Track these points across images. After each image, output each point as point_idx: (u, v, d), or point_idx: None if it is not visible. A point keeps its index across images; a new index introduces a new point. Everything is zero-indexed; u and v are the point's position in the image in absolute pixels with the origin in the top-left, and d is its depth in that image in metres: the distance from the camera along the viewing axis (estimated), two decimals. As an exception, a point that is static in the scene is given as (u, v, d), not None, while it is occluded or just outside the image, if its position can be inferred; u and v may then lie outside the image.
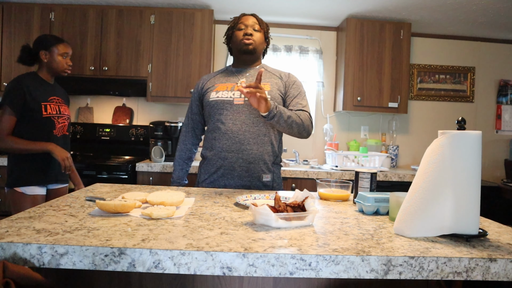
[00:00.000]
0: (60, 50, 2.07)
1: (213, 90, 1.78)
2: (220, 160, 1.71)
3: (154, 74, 3.20)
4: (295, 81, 1.82)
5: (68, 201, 1.24)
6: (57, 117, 2.08)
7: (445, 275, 0.82)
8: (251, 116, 1.70)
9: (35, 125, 2.00)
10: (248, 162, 1.70)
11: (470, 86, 3.74)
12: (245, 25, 1.79)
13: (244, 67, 1.84)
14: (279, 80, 1.80)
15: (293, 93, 1.78)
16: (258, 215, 1.02)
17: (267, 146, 1.73)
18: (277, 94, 1.75)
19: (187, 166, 1.91)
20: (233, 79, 1.80)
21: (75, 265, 0.79)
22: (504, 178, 3.64)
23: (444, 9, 3.07)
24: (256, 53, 1.80)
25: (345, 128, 3.69)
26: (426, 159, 1.00)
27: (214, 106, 1.74)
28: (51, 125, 2.05)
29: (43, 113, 2.01)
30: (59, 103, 2.12)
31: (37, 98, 2.00)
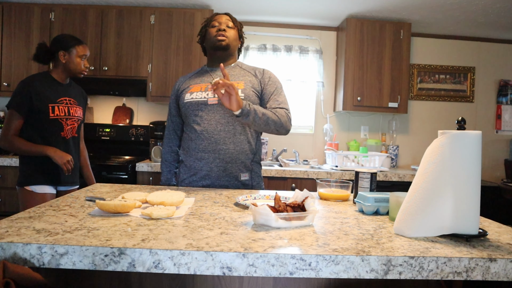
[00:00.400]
0: (80, 52, 2.06)
1: (187, 91, 1.77)
2: (197, 161, 1.70)
3: (154, 74, 3.20)
4: (270, 77, 1.79)
5: (68, 201, 1.24)
6: (65, 119, 2.06)
7: (445, 275, 0.82)
8: (226, 116, 1.69)
9: (42, 127, 2.00)
10: (225, 162, 1.69)
11: (470, 86, 3.74)
12: (218, 22, 1.78)
13: (218, 66, 1.80)
14: (253, 77, 1.77)
15: (269, 90, 1.75)
16: (258, 215, 1.02)
17: (244, 145, 1.71)
18: (251, 92, 1.72)
19: (174, 167, 1.89)
20: (207, 79, 1.78)
21: (75, 265, 0.79)
22: (504, 178, 3.64)
23: (444, 9, 3.07)
24: (229, 49, 1.78)
25: (345, 128, 3.69)
26: (426, 159, 1.00)
27: (189, 107, 1.74)
28: (59, 127, 2.03)
29: (50, 114, 2.00)
30: (69, 105, 2.09)
31: (45, 99, 1.99)
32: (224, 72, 1.54)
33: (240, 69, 1.81)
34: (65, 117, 2.05)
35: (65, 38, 2.07)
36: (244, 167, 1.73)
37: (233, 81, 1.71)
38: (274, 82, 1.79)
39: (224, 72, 1.54)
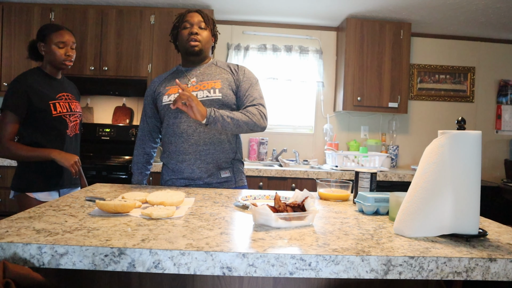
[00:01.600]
0: (55, 39, 1.84)
1: (165, 93, 1.75)
2: (178, 163, 1.70)
3: (154, 74, 3.20)
4: (244, 73, 1.77)
5: (68, 201, 1.24)
6: (68, 115, 1.90)
7: (445, 275, 0.82)
8: None
9: (45, 127, 1.83)
10: (206, 162, 1.68)
11: (470, 86, 3.74)
12: (190, 23, 1.73)
13: (194, 66, 1.79)
14: (230, 75, 1.75)
15: (244, 87, 1.74)
16: (258, 215, 1.02)
17: (224, 145, 1.71)
18: (229, 91, 1.70)
19: (146, 169, 1.88)
20: (184, 80, 1.76)
21: (75, 265, 0.79)
22: (504, 178, 3.64)
23: (444, 9, 3.07)
24: (203, 53, 1.76)
25: (345, 128, 3.69)
26: (425, 159, 1.00)
27: (167, 109, 1.72)
28: (63, 125, 1.88)
29: (53, 112, 1.83)
30: (69, 100, 1.94)
31: (44, 96, 1.82)
32: (181, 86, 1.54)
33: (215, 67, 1.79)
34: (68, 113, 1.90)
35: (42, 28, 1.90)
36: (224, 166, 1.73)
37: (209, 80, 1.72)
38: (249, 78, 1.76)
39: (181, 86, 1.54)
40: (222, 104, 1.68)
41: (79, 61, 3.16)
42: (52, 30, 1.87)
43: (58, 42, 1.85)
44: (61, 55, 1.86)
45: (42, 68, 1.91)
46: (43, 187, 1.85)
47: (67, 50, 1.87)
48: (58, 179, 1.89)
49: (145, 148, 1.88)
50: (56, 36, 1.85)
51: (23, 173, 1.86)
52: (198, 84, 1.73)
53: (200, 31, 1.72)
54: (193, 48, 1.71)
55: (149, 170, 1.91)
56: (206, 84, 1.71)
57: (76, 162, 1.82)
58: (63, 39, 1.86)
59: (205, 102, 1.67)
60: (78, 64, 3.16)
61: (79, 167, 1.85)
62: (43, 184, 1.85)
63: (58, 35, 1.85)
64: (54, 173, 1.86)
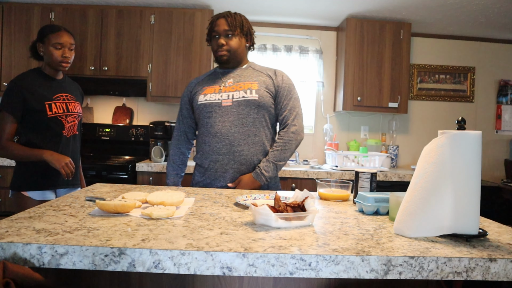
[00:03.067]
0: (52, 40, 1.84)
1: (201, 93, 1.78)
2: (212, 163, 1.72)
3: (154, 74, 3.20)
4: (283, 79, 1.78)
5: (68, 201, 1.24)
6: (65, 116, 1.90)
7: (445, 275, 0.82)
8: (240, 117, 1.70)
9: (41, 127, 1.85)
10: (239, 163, 1.69)
11: (470, 86, 3.74)
12: (217, 33, 1.75)
13: (230, 68, 1.82)
14: (267, 78, 1.77)
15: (283, 94, 1.76)
16: (258, 215, 1.02)
17: (258, 146, 1.72)
18: (265, 92, 1.73)
19: (181, 171, 1.90)
20: (220, 81, 1.79)
21: (75, 265, 0.79)
22: (504, 178, 3.64)
23: (444, 9, 3.07)
24: (234, 59, 1.77)
25: (345, 128, 3.69)
26: (424, 159, 1.00)
27: (202, 109, 1.75)
28: (59, 126, 1.89)
29: (48, 113, 1.84)
30: (67, 101, 1.94)
31: (40, 97, 1.83)
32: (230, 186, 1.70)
33: (252, 70, 1.81)
34: (64, 114, 1.90)
35: (41, 28, 1.90)
36: None
37: (246, 81, 1.75)
38: (287, 84, 1.78)
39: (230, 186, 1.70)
40: (258, 105, 1.70)
41: (79, 61, 3.15)
42: (51, 31, 1.87)
43: (55, 44, 1.85)
44: (58, 57, 1.86)
45: (41, 68, 1.92)
46: (38, 186, 1.86)
47: (64, 51, 1.87)
48: (54, 179, 1.89)
49: (181, 148, 1.90)
50: (54, 37, 1.85)
51: (20, 172, 1.88)
52: (234, 84, 1.75)
53: (227, 40, 1.74)
54: (222, 58, 1.76)
55: (184, 171, 1.92)
56: (242, 85, 1.74)
57: (67, 164, 1.81)
58: (61, 41, 1.86)
59: (241, 103, 1.70)
60: (78, 64, 3.15)
61: (72, 168, 1.84)
62: (38, 183, 1.86)
63: (56, 36, 1.85)
64: (50, 172, 1.87)
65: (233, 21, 1.75)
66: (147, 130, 3.37)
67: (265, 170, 1.67)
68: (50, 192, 1.91)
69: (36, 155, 1.80)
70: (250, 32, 1.82)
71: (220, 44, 1.73)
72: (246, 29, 1.79)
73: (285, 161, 1.73)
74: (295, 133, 1.74)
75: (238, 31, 1.75)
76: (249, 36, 1.81)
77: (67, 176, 1.82)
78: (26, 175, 1.86)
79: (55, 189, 1.92)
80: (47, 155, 1.80)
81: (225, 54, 1.74)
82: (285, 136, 1.73)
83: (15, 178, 1.89)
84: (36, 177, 1.86)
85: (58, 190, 1.94)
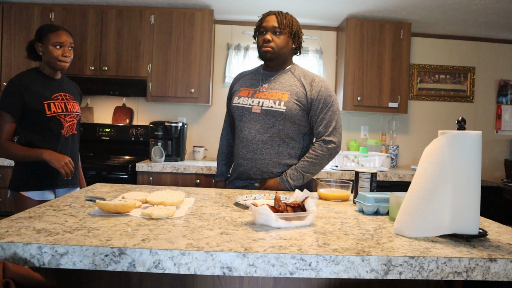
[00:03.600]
0: (52, 40, 1.83)
1: (237, 94, 1.80)
2: (238, 166, 1.77)
3: (154, 74, 3.20)
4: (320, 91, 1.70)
5: (68, 201, 1.24)
6: (63, 115, 1.89)
7: (445, 275, 0.82)
8: (265, 126, 1.69)
9: (40, 126, 1.84)
10: (261, 171, 1.72)
11: (470, 86, 3.74)
12: (265, 28, 1.71)
13: (271, 71, 1.79)
14: (301, 88, 1.71)
15: (317, 106, 1.70)
16: (258, 215, 1.02)
17: (283, 157, 1.71)
18: (294, 105, 1.68)
19: (229, 160, 1.94)
20: (257, 83, 1.78)
21: (75, 265, 0.79)
22: (504, 178, 3.64)
23: (444, 9, 3.06)
24: (277, 58, 1.73)
25: (345, 128, 3.69)
26: (425, 159, 1.00)
27: (235, 111, 1.78)
28: (58, 125, 1.87)
29: (47, 112, 1.83)
30: (66, 100, 1.92)
31: (39, 96, 1.82)
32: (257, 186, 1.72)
33: (291, 75, 1.76)
34: (63, 113, 1.89)
35: (40, 28, 1.88)
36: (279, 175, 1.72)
37: (279, 90, 1.72)
38: (324, 96, 1.70)
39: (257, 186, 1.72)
40: (284, 118, 1.67)
41: (79, 61, 3.15)
42: (50, 30, 1.86)
43: (55, 43, 1.84)
44: (57, 56, 1.85)
45: (40, 68, 1.91)
46: (37, 186, 1.85)
47: (64, 50, 1.86)
48: (53, 179, 1.88)
49: (228, 139, 1.95)
50: (54, 37, 1.84)
51: (18, 172, 1.86)
52: (267, 91, 1.73)
53: (273, 37, 1.70)
54: (265, 54, 1.71)
55: (232, 160, 1.92)
56: (274, 93, 1.71)
57: (67, 163, 1.80)
58: (60, 40, 1.85)
59: (269, 112, 1.68)
60: (78, 64, 3.15)
61: (72, 168, 1.83)
62: (37, 183, 1.85)
63: (55, 35, 1.84)
64: (49, 172, 1.86)
65: (283, 19, 1.71)
66: (147, 130, 3.37)
67: (291, 178, 1.68)
68: (49, 192, 1.90)
69: (36, 155, 1.79)
70: (298, 34, 1.78)
71: (266, 40, 1.69)
72: (295, 30, 1.75)
73: (314, 174, 1.71)
74: (331, 150, 1.69)
75: (287, 30, 1.71)
76: (296, 39, 1.77)
77: (66, 175, 1.81)
78: (25, 175, 1.85)
79: (54, 189, 1.91)
80: (46, 154, 1.79)
81: (270, 50, 1.70)
82: (320, 150, 1.68)
83: (14, 178, 1.87)
84: (35, 177, 1.85)
85: (57, 190, 1.93)
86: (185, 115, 3.57)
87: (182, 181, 2.91)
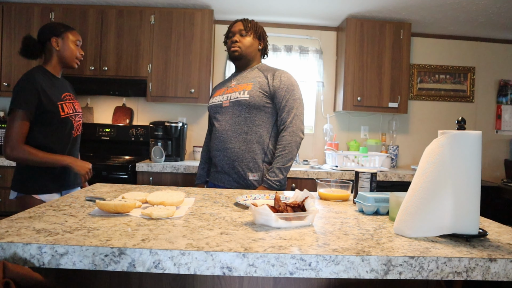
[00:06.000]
0: (72, 37, 1.87)
1: (212, 96, 1.98)
2: (213, 158, 1.90)
3: (154, 74, 3.20)
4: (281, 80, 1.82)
5: (68, 201, 1.24)
6: (74, 116, 1.88)
7: (445, 275, 0.82)
8: (233, 116, 1.82)
9: (53, 128, 1.78)
10: (232, 159, 1.80)
11: (470, 86, 3.74)
12: (232, 32, 1.91)
13: (240, 71, 1.96)
14: (264, 79, 1.84)
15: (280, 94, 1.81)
16: (258, 215, 1.02)
17: (251, 144, 1.79)
18: (258, 93, 1.79)
19: (208, 165, 2.06)
20: (229, 83, 1.95)
21: (75, 265, 0.79)
22: (504, 178, 3.64)
23: (444, 9, 3.07)
24: (244, 57, 1.89)
25: (345, 128, 3.69)
26: (425, 159, 1.00)
27: (211, 111, 1.94)
28: (70, 126, 1.85)
29: (61, 113, 1.79)
30: (72, 100, 1.92)
31: (52, 97, 1.76)
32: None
33: (257, 71, 1.91)
34: (73, 114, 1.87)
35: (54, 24, 1.87)
36: (254, 166, 1.79)
37: (244, 83, 1.86)
38: (286, 85, 1.82)
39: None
40: (249, 105, 1.78)
41: (79, 61, 3.15)
42: (68, 28, 1.90)
43: (75, 40, 1.89)
44: (76, 54, 1.90)
45: (45, 66, 1.85)
46: (49, 189, 1.81)
47: (80, 50, 1.93)
48: (63, 181, 1.87)
49: (209, 145, 2.06)
50: (74, 35, 1.90)
51: (28, 175, 1.79)
52: (236, 86, 1.88)
53: (240, 38, 1.88)
54: (233, 53, 1.89)
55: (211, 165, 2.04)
56: (240, 86, 1.86)
57: (90, 170, 1.85)
58: (80, 38, 1.92)
59: (235, 103, 1.81)
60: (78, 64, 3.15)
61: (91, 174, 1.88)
62: (49, 186, 1.81)
63: (75, 33, 1.91)
64: (60, 175, 1.84)
65: (248, 23, 1.91)
66: (147, 130, 3.37)
67: (271, 177, 1.75)
68: (57, 195, 1.87)
69: (59, 161, 1.76)
70: (263, 36, 1.96)
71: (234, 41, 1.88)
72: (260, 32, 1.94)
73: (289, 163, 1.78)
74: (291, 134, 1.78)
75: (252, 31, 1.90)
76: (262, 40, 1.96)
77: (85, 181, 1.85)
78: (38, 178, 1.79)
79: (61, 190, 1.88)
80: (71, 161, 1.79)
81: (237, 50, 1.87)
82: (283, 140, 1.78)
83: (20, 179, 1.80)
84: (46, 180, 1.80)
85: (63, 191, 1.91)
86: (185, 115, 3.57)
87: (182, 181, 2.91)
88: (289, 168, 1.79)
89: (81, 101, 3.54)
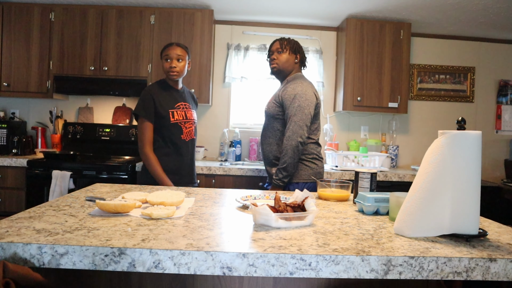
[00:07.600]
0: (163, 54, 2.15)
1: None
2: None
3: (154, 74, 3.20)
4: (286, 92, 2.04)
5: (68, 201, 1.24)
6: (183, 122, 2.17)
7: (445, 275, 0.82)
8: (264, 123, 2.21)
9: (164, 131, 2.11)
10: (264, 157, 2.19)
11: (470, 86, 3.74)
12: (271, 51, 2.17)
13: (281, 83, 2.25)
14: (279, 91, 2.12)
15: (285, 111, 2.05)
16: (258, 215, 1.02)
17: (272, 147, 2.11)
18: (272, 103, 2.11)
19: None
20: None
21: (75, 265, 0.79)
22: (504, 178, 3.64)
23: (444, 9, 3.06)
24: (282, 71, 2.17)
25: (345, 128, 3.69)
26: (425, 159, 1.00)
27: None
28: (178, 131, 2.14)
29: (171, 119, 2.11)
30: (186, 109, 2.20)
31: (165, 105, 2.11)
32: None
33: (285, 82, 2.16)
34: (183, 121, 2.16)
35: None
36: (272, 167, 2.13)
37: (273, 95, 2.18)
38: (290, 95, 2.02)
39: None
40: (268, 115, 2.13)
41: (79, 61, 3.16)
42: (165, 46, 2.18)
43: (164, 56, 2.15)
44: (166, 67, 2.14)
45: (166, 79, 2.22)
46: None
47: (172, 62, 2.13)
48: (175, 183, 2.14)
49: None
50: (164, 51, 2.16)
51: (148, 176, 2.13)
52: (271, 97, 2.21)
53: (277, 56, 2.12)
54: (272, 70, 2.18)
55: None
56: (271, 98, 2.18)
57: None
58: (167, 52, 2.14)
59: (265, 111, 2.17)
60: (78, 64, 3.16)
61: None
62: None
63: (165, 50, 2.16)
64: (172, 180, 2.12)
65: (284, 41, 2.12)
66: (147, 130, 3.37)
67: (276, 176, 2.00)
68: None
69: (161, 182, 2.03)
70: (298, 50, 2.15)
71: (272, 59, 2.13)
72: (295, 47, 2.14)
73: (287, 163, 1.97)
74: (287, 139, 1.98)
75: (287, 48, 2.11)
76: (298, 54, 2.15)
77: None
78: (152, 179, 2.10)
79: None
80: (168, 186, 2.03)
81: (275, 66, 2.13)
82: (283, 145, 2.01)
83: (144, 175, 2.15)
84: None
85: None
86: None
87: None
88: (288, 168, 1.98)
89: (81, 101, 3.55)
